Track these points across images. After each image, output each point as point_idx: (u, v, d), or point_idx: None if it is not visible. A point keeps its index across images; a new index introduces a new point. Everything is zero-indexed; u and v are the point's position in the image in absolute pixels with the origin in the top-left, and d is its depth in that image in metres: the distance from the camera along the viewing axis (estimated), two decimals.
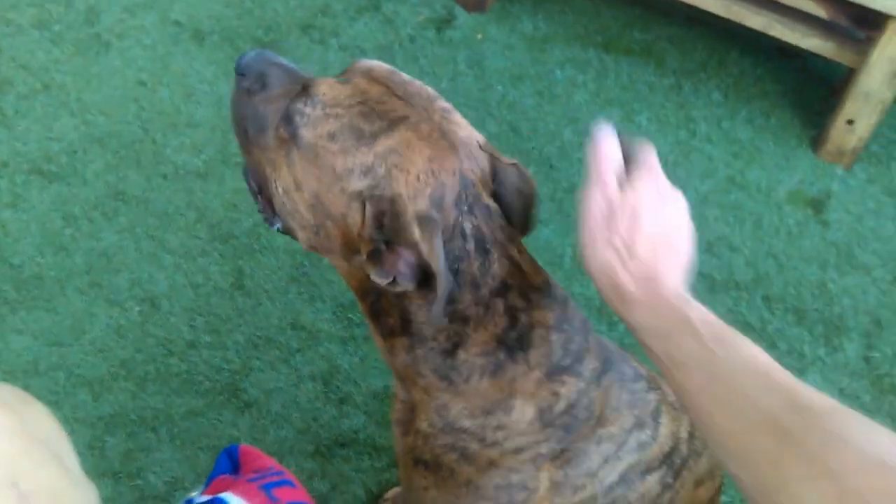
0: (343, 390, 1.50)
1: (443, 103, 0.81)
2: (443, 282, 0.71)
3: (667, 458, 0.95)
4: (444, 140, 0.77)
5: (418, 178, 0.74)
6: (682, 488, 0.98)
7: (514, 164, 0.84)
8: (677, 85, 2.12)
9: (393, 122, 0.75)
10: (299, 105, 0.77)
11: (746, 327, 1.67)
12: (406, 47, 2.14)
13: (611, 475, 0.91)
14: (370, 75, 0.80)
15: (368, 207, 0.75)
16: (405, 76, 0.82)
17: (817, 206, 1.90)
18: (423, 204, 0.74)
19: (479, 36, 2.19)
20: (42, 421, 0.49)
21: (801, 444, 0.50)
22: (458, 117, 0.82)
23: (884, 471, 0.47)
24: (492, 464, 0.85)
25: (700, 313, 0.62)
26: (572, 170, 1.90)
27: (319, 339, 1.57)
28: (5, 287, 1.59)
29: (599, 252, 0.67)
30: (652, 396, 0.93)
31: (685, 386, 0.59)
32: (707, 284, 1.72)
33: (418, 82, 0.82)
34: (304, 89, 0.79)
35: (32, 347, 1.52)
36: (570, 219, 1.81)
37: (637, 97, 2.07)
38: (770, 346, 1.65)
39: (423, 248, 0.72)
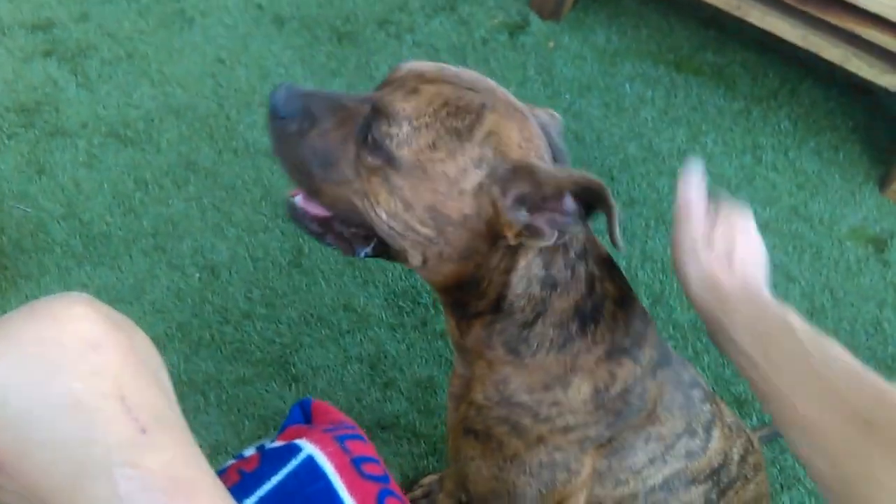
0: (388, 375, 1.52)
1: (490, 80, 0.82)
2: (611, 199, 0.71)
3: (714, 474, 0.95)
4: (517, 111, 0.79)
5: (521, 147, 0.76)
6: None
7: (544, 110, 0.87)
8: (746, 110, 2.11)
9: (478, 111, 0.76)
10: (383, 128, 0.74)
11: None
12: (478, 49, 2.17)
13: (655, 477, 0.92)
14: (427, 78, 0.78)
15: (497, 190, 0.75)
16: (452, 68, 0.81)
17: (879, 244, 1.88)
18: None
19: (551, 44, 2.21)
20: (145, 345, 0.51)
21: (886, 437, 0.53)
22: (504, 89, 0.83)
23: None
24: (540, 440, 0.86)
25: (796, 317, 0.67)
26: (633, 184, 1.91)
27: (369, 323, 1.59)
28: (74, 242, 1.64)
29: (703, 258, 0.73)
30: (707, 408, 0.94)
31: (777, 384, 0.63)
32: None
33: (463, 69, 0.81)
34: (376, 111, 0.75)
35: None
36: (627, 232, 1.81)
37: (705, 118, 2.07)
38: None
39: (576, 176, 0.72)
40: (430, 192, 0.75)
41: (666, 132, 2.03)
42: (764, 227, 1.84)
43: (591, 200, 0.73)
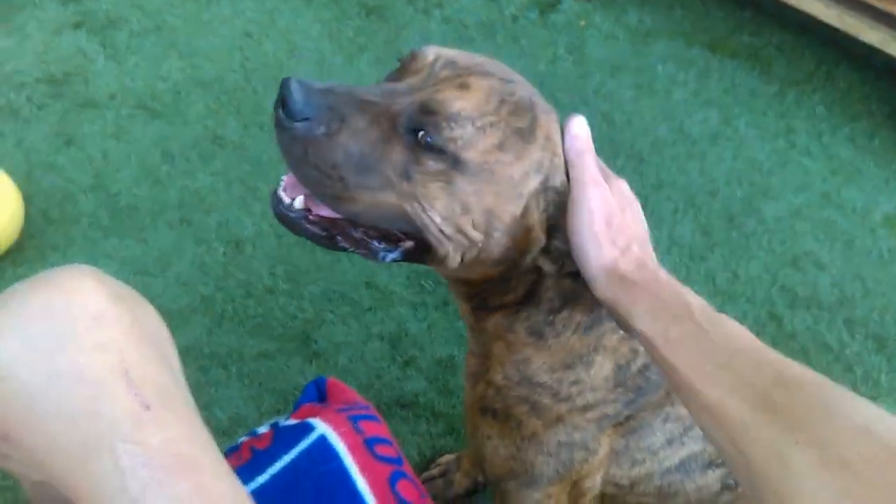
0: (409, 353, 1.52)
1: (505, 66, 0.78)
2: None
3: None
4: (546, 104, 0.77)
5: (562, 152, 0.75)
6: (744, 496, 0.97)
7: None
8: (781, 93, 2.07)
9: (531, 109, 0.73)
10: (444, 130, 0.68)
11: (824, 348, 1.63)
12: (508, 27, 2.14)
13: (671, 458, 0.91)
14: (465, 69, 0.73)
15: (542, 202, 0.74)
16: (474, 56, 0.76)
17: None
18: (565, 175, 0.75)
19: (583, 23, 2.17)
20: (152, 320, 0.51)
21: (789, 416, 0.53)
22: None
23: (867, 438, 0.50)
24: (559, 419, 0.86)
25: (694, 296, 0.66)
26: (663, 166, 1.88)
27: (392, 301, 1.59)
28: (101, 213, 1.66)
29: (606, 251, 0.69)
30: None
31: (676, 364, 0.61)
32: (788, 298, 1.68)
33: (481, 57, 0.77)
34: (428, 112, 0.69)
35: (120, 273, 1.56)
36: (654, 215, 1.79)
37: (738, 101, 2.03)
38: (846, 369, 1.61)
39: None
40: (493, 196, 0.71)
41: (698, 114, 1.99)
42: (795, 213, 1.83)
43: None
